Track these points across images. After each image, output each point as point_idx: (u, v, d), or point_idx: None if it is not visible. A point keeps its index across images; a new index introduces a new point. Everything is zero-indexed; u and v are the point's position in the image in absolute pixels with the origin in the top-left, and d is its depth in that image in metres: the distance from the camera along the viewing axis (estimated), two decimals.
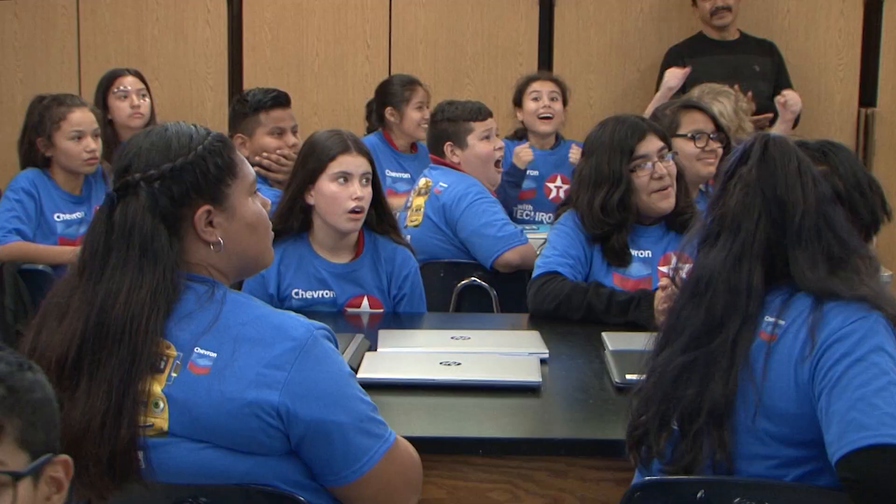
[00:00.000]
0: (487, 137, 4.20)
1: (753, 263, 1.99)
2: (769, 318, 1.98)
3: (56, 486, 1.44)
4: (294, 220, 3.37)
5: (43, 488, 1.43)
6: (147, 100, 5.03)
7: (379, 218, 3.43)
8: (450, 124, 4.18)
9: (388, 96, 5.30)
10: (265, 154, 4.11)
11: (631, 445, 2.07)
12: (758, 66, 5.63)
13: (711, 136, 3.79)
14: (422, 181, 4.22)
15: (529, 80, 5.28)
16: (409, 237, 3.76)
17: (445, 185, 4.11)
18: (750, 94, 5.03)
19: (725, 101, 4.61)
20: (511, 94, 5.37)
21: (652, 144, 3.36)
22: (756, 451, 1.98)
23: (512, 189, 4.93)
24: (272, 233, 2.14)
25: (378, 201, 3.39)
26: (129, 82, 5.00)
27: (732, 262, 2.00)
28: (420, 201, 4.15)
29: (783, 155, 2.02)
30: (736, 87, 4.89)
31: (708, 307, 2.00)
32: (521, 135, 5.33)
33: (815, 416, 1.92)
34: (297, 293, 3.39)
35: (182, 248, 1.99)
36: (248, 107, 4.19)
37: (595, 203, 3.33)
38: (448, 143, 4.17)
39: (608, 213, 3.32)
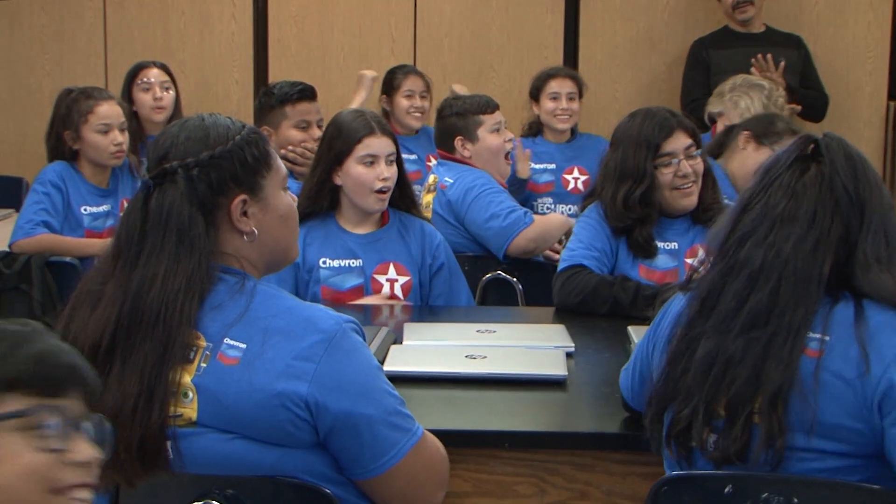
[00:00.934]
0: (497, 130, 4.20)
1: (827, 254, 1.99)
2: (813, 335, 1.96)
3: None
4: (323, 200, 3.40)
5: None
6: (171, 93, 5.04)
7: (401, 194, 3.46)
8: (459, 118, 4.18)
9: (384, 84, 5.46)
10: (290, 147, 4.11)
11: (670, 440, 2.04)
12: (783, 60, 5.59)
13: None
14: (430, 178, 4.23)
15: (548, 77, 5.26)
16: None
17: (451, 181, 4.12)
18: (783, 64, 4.99)
19: (755, 97, 4.58)
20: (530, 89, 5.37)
21: (679, 142, 3.34)
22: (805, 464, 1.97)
23: (516, 196, 4.92)
24: (297, 230, 2.16)
25: (400, 178, 3.43)
26: (153, 74, 5.02)
27: (809, 252, 1.99)
28: (429, 198, 4.17)
29: (858, 156, 2.05)
30: (769, 56, 4.86)
31: (771, 293, 1.98)
32: (535, 130, 5.33)
33: (873, 432, 1.92)
34: (324, 262, 3.40)
35: (217, 237, 2.00)
36: (274, 100, 4.20)
37: (618, 197, 3.32)
38: (459, 137, 4.16)
39: (630, 208, 3.32)
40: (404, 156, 5.07)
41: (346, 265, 3.40)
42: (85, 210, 4.26)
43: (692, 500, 2.00)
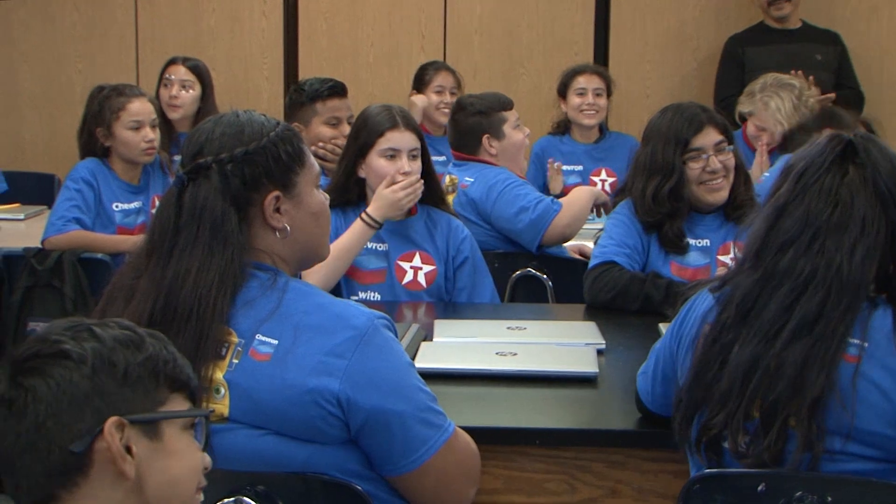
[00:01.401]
0: (518, 126, 4.18)
1: (875, 260, 1.98)
2: (853, 340, 1.95)
3: None
4: (351, 193, 3.41)
5: None
6: (191, 92, 5.03)
7: (428, 189, 3.45)
8: (483, 117, 4.12)
9: (415, 80, 5.44)
10: (320, 144, 4.12)
11: (699, 444, 2.02)
12: (819, 56, 5.55)
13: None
14: (447, 179, 4.20)
15: (575, 74, 5.26)
16: None
17: (472, 180, 4.10)
18: (812, 78, 4.97)
19: (785, 96, 4.56)
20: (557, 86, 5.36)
21: (709, 138, 3.32)
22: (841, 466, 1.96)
23: None
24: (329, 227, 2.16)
25: (427, 173, 3.43)
26: (176, 71, 5.04)
27: (860, 260, 1.96)
28: (448, 199, 4.14)
29: (881, 149, 2.03)
30: (799, 73, 4.84)
31: (820, 302, 1.95)
32: (563, 128, 5.32)
33: None
34: None
35: (249, 233, 2.01)
36: (304, 96, 4.21)
37: (647, 191, 3.32)
38: (486, 135, 4.12)
39: (659, 203, 3.31)
40: (434, 158, 5.10)
41: (373, 248, 3.42)
42: (116, 207, 4.28)
43: (724, 499, 1.98)
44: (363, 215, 3.30)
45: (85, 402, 1.42)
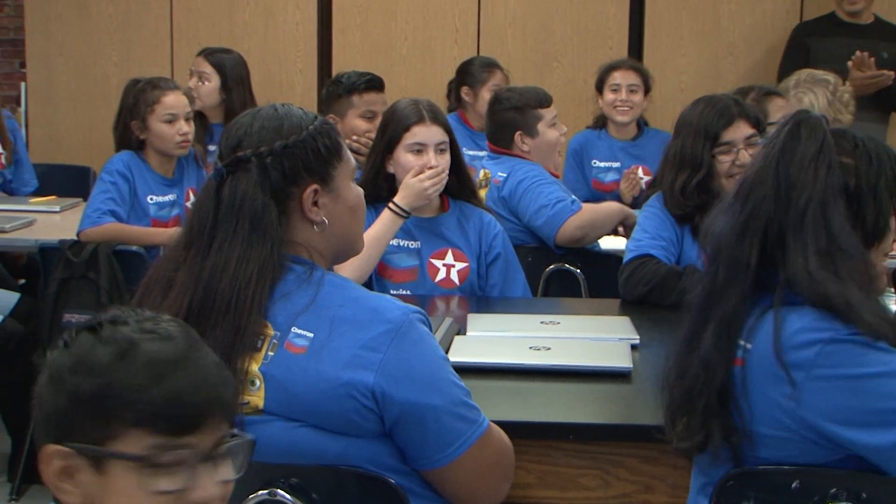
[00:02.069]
0: (554, 124, 4.14)
1: (753, 238, 1.94)
2: (741, 342, 1.94)
3: None
4: (381, 189, 3.40)
5: None
6: (207, 84, 5.05)
7: (460, 184, 3.46)
8: (517, 113, 4.09)
9: (467, 76, 5.37)
10: (355, 137, 4.12)
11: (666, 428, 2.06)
12: (886, 54, 5.46)
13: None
14: (481, 173, 4.18)
15: (611, 69, 5.22)
16: None
17: (504, 175, 4.08)
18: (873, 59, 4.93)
19: (819, 93, 4.52)
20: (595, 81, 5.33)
21: (739, 131, 3.31)
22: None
23: None
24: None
25: (458, 168, 3.43)
26: (195, 63, 5.09)
27: (737, 235, 1.95)
28: (481, 194, 4.12)
29: (810, 135, 1.96)
30: (865, 54, 4.78)
31: (712, 277, 1.97)
32: (601, 123, 5.29)
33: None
34: None
35: (287, 226, 2.02)
36: (341, 88, 4.22)
37: (676, 185, 3.32)
38: (518, 132, 4.09)
39: (688, 196, 3.30)
40: (477, 153, 5.08)
41: (405, 245, 3.41)
42: (151, 199, 4.30)
43: (758, 495, 1.98)
44: (390, 204, 3.30)
45: (43, 415, 1.40)
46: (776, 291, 1.92)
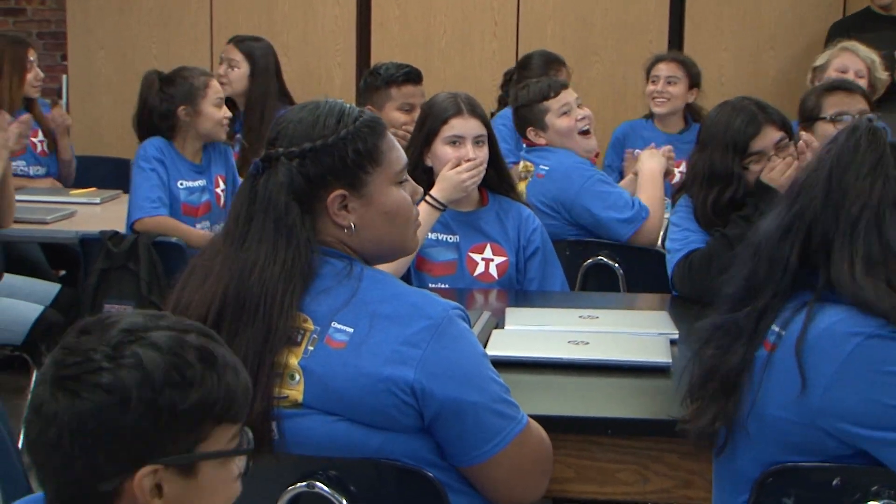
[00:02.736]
0: (567, 112, 4.08)
1: (796, 239, 1.95)
2: (775, 328, 1.95)
3: None
4: (419, 182, 3.36)
5: None
6: (236, 70, 5.09)
7: (499, 178, 3.45)
8: (526, 109, 4.09)
9: (534, 70, 5.28)
10: (392, 130, 4.12)
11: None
12: None
13: (856, 117, 3.63)
14: (521, 165, 4.16)
15: (656, 61, 5.20)
16: None
17: (547, 168, 4.06)
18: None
19: (861, 50, 4.54)
20: (639, 72, 5.30)
21: (768, 138, 3.21)
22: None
23: None
24: (418, 220, 2.14)
25: (497, 162, 3.42)
26: (225, 50, 5.13)
27: (781, 234, 1.97)
28: (521, 186, 4.09)
29: (870, 145, 1.96)
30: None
31: (749, 275, 1.98)
32: (651, 114, 5.27)
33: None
34: None
35: (315, 226, 2.00)
36: (379, 80, 4.23)
37: (708, 201, 3.22)
38: (530, 128, 4.09)
39: (718, 213, 3.21)
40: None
41: (444, 239, 3.41)
42: (181, 185, 4.32)
43: (798, 492, 1.97)
44: (427, 197, 3.30)
45: (118, 441, 1.32)
46: (815, 290, 1.93)
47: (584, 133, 4.12)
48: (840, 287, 1.90)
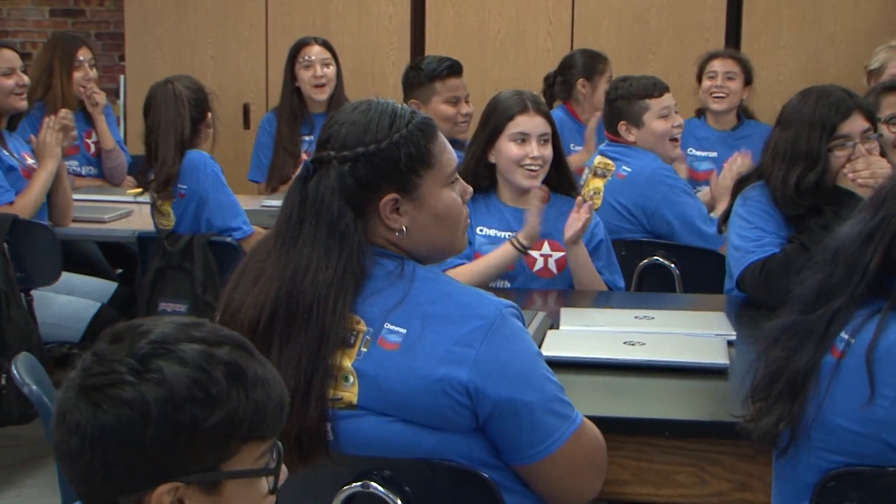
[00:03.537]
0: (665, 116, 4.05)
1: (879, 245, 1.92)
2: (844, 335, 1.92)
3: None
4: (481, 178, 3.39)
5: None
6: (331, 68, 5.13)
7: (560, 177, 3.44)
8: (624, 102, 4.05)
9: (580, 67, 5.25)
10: (441, 125, 4.14)
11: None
12: None
13: None
14: (598, 160, 4.12)
15: (711, 58, 5.15)
16: None
17: (630, 170, 4.02)
18: None
19: None
20: (696, 70, 5.25)
21: (856, 124, 3.11)
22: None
23: None
24: (468, 220, 2.12)
25: (559, 161, 3.41)
26: (314, 52, 5.12)
27: (863, 239, 1.94)
28: (598, 184, 4.05)
29: None
30: None
31: (825, 277, 1.96)
32: (702, 113, 5.23)
33: None
34: (481, 230, 3.42)
35: (367, 228, 1.99)
36: (423, 75, 4.26)
37: (790, 181, 3.10)
38: (623, 122, 4.05)
39: (802, 194, 3.10)
40: (577, 148, 5.05)
41: (503, 236, 3.40)
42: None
43: (860, 496, 1.94)
44: (514, 242, 3.29)
45: (137, 456, 1.29)
46: (890, 298, 1.90)
47: (674, 140, 4.09)
48: None
